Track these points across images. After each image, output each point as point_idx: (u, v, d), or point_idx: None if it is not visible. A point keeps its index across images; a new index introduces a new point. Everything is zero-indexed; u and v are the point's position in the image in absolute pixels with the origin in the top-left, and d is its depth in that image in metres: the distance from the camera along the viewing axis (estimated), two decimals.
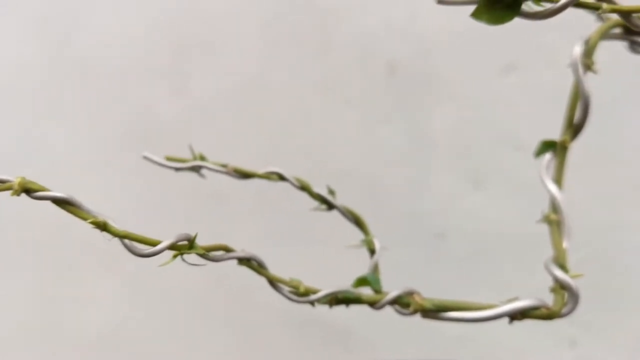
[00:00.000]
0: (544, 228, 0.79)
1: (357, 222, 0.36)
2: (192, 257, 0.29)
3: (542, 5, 0.28)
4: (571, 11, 0.50)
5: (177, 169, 0.34)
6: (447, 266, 0.76)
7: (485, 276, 0.75)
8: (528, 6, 0.29)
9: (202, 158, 0.34)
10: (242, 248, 0.30)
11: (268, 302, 0.79)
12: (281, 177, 0.34)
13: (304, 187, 0.35)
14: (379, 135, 0.76)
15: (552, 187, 0.35)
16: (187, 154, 0.77)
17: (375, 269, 0.34)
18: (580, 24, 0.49)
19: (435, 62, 0.75)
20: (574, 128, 0.36)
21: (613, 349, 0.73)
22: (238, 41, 0.77)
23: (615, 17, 0.36)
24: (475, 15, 0.28)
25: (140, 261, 0.79)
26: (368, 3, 0.75)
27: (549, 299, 0.77)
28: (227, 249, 0.30)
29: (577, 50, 0.35)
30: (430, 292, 0.75)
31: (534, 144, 0.81)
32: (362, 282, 0.33)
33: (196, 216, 0.78)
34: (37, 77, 0.79)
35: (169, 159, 0.34)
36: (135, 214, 0.79)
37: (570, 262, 0.77)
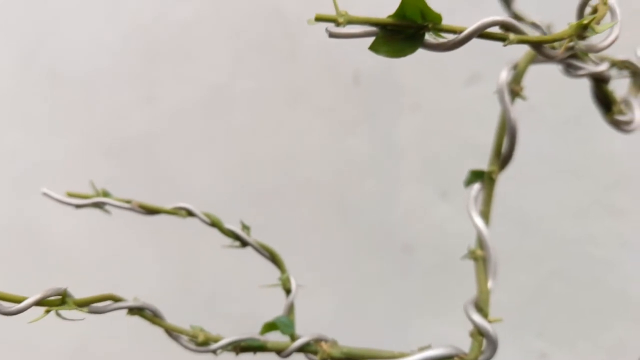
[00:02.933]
0: (512, 241, 0.79)
1: (273, 258, 0.34)
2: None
3: (443, 37, 0.26)
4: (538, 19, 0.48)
5: (78, 206, 0.32)
6: (414, 279, 0.75)
7: (454, 289, 0.74)
8: (432, 37, 0.27)
9: (105, 194, 0.32)
10: (135, 296, 0.28)
11: (234, 313, 0.78)
12: (190, 213, 0.32)
13: (214, 223, 0.33)
14: (346, 145, 0.76)
15: (479, 221, 0.33)
16: (156, 163, 0.77)
17: (290, 310, 0.32)
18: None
19: (401, 72, 0.74)
20: (502, 158, 0.34)
21: None
22: (206, 50, 0.76)
23: None
24: (374, 48, 0.26)
25: (101, 275, 0.76)
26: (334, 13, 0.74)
27: (514, 315, 0.76)
28: (115, 299, 0.28)
29: (504, 76, 0.33)
30: (398, 305, 0.74)
31: None
32: (270, 327, 0.31)
33: (168, 227, 0.77)
34: (6, 85, 0.79)
35: (70, 194, 0.32)
36: (105, 224, 0.77)
37: (537, 277, 0.75)
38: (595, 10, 0.29)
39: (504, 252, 0.78)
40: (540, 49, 0.26)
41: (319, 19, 0.26)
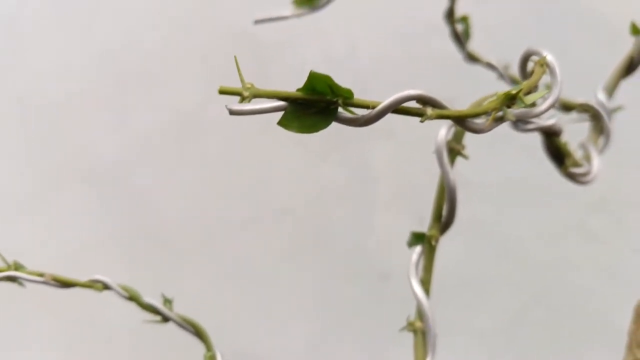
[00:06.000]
0: (490, 269, 0.77)
1: (198, 333, 0.31)
2: None
3: (353, 113, 0.24)
4: (518, 47, 0.46)
5: None
6: (391, 308, 0.74)
7: None
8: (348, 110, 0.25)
9: (17, 267, 0.30)
10: None
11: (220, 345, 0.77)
12: (106, 286, 0.30)
13: (132, 297, 0.30)
14: (320, 172, 0.74)
15: (418, 290, 0.31)
16: (128, 191, 0.75)
17: None
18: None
19: (375, 96, 0.72)
20: (443, 223, 0.31)
21: None
22: (177, 75, 0.75)
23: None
24: (283, 123, 0.24)
25: (78, 304, 0.73)
26: (307, 36, 0.73)
27: (494, 340, 0.73)
28: None
29: (442, 134, 0.30)
30: (374, 335, 0.73)
31: (477, 181, 0.77)
32: None
33: (137, 257, 0.76)
34: None
35: None
36: (71, 254, 0.76)
37: (516, 303, 0.74)
38: (531, 72, 0.27)
39: (484, 277, 0.76)
40: (464, 124, 0.24)
41: (222, 92, 0.24)
